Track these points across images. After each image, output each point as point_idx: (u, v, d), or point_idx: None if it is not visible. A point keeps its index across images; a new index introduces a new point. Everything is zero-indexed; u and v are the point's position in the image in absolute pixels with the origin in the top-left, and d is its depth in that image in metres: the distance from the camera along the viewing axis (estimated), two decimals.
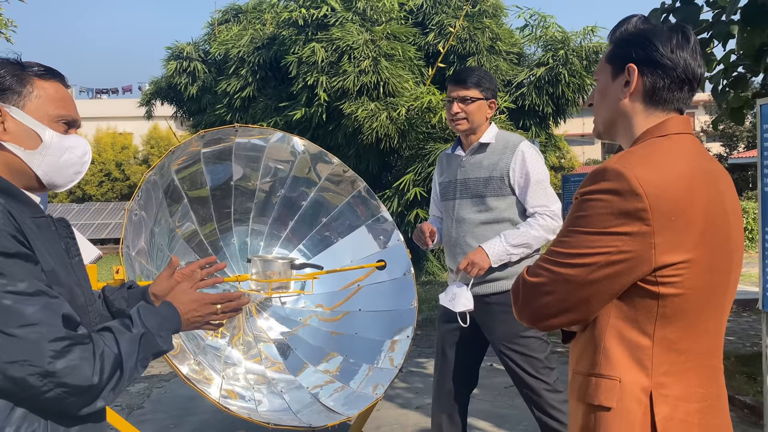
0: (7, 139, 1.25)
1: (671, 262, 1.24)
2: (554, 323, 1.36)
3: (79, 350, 1.14)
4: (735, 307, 8.27)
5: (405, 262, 3.76)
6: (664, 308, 1.27)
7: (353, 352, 3.60)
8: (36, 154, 1.27)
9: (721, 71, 4.79)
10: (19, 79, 1.27)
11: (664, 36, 1.36)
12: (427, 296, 9.35)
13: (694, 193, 1.26)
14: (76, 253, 1.32)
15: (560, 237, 1.33)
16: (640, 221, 1.22)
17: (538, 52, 10.20)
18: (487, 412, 4.36)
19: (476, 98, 2.69)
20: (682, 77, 1.35)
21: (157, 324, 1.32)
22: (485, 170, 2.70)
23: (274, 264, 3.48)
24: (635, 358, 1.30)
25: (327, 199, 3.93)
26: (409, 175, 8.94)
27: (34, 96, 1.28)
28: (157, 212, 3.25)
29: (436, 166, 3.02)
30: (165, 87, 11.30)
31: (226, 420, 4.18)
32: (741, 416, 4.23)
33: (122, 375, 1.20)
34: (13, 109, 1.26)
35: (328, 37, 9.18)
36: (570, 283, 1.28)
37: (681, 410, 1.29)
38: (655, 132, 1.35)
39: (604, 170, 1.27)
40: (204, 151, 3.47)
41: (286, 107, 9.80)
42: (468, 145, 2.79)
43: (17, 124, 1.26)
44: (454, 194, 2.79)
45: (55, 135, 1.30)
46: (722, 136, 25.68)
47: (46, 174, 1.30)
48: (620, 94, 1.38)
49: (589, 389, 1.34)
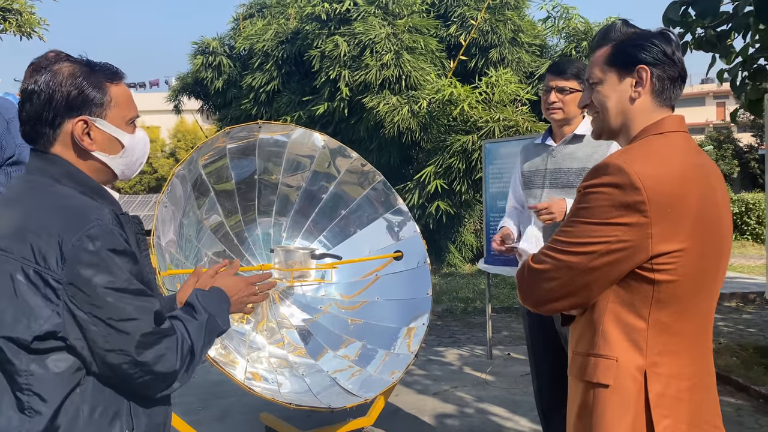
0: (95, 149, 1.34)
1: (666, 251, 1.33)
2: (557, 307, 1.46)
3: (166, 342, 1.28)
4: (758, 300, 8.21)
5: (421, 253, 3.86)
6: (659, 293, 1.36)
7: (371, 339, 3.72)
8: (118, 158, 1.39)
9: (739, 63, 4.78)
10: (98, 90, 1.34)
11: (664, 38, 1.46)
12: (448, 287, 9.42)
13: (688, 187, 1.35)
14: (145, 248, 1.42)
15: (564, 227, 1.43)
16: (639, 213, 1.31)
17: (560, 44, 10.17)
18: (503, 398, 4.46)
19: (574, 89, 2.73)
20: (682, 75, 1.46)
21: (216, 308, 1.46)
22: (578, 161, 2.73)
23: (296, 254, 3.62)
24: (631, 339, 1.39)
25: (346, 192, 4.05)
26: (430, 168, 9.02)
27: (112, 105, 1.35)
28: (185, 205, 3.40)
29: (520, 155, 3.02)
30: (191, 82, 11.51)
31: (250, 403, 4.35)
32: (756, 406, 4.26)
33: (193, 358, 1.34)
34: (99, 121, 1.34)
35: (351, 31, 9.28)
36: (573, 270, 1.38)
37: (673, 387, 1.38)
38: (652, 130, 1.45)
39: (606, 165, 1.36)
40: (229, 147, 3.61)
41: (309, 101, 9.92)
42: (560, 136, 2.82)
43: (102, 133, 1.35)
44: (542, 183, 2.82)
45: (130, 137, 1.40)
46: (753, 126, 25.17)
47: (123, 172, 1.42)
48: (631, 93, 1.47)
49: (588, 368, 1.44)
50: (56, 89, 1.30)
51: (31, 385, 1.20)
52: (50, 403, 1.21)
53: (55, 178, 1.31)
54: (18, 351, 1.20)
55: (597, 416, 1.41)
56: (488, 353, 5.69)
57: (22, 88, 1.37)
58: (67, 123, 1.32)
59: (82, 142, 1.32)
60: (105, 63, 1.40)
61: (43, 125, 1.32)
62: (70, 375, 1.23)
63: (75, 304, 1.20)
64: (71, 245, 1.19)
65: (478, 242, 11.98)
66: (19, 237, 1.22)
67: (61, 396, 1.22)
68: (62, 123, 1.32)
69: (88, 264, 1.20)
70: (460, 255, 11.67)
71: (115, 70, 1.40)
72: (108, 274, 1.21)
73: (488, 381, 4.95)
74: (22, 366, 1.20)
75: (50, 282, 1.19)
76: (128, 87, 1.47)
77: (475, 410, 4.25)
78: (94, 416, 1.25)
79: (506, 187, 5.27)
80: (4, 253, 1.22)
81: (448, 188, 8.99)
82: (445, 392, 4.67)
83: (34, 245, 1.20)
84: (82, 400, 1.24)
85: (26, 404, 1.20)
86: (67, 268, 1.19)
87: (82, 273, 1.19)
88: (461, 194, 9.06)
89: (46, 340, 1.20)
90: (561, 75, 2.74)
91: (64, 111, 1.31)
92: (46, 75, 1.32)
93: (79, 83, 1.32)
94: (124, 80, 1.41)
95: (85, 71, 1.34)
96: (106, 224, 1.23)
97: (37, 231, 1.21)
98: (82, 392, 1.24)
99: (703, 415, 1.43)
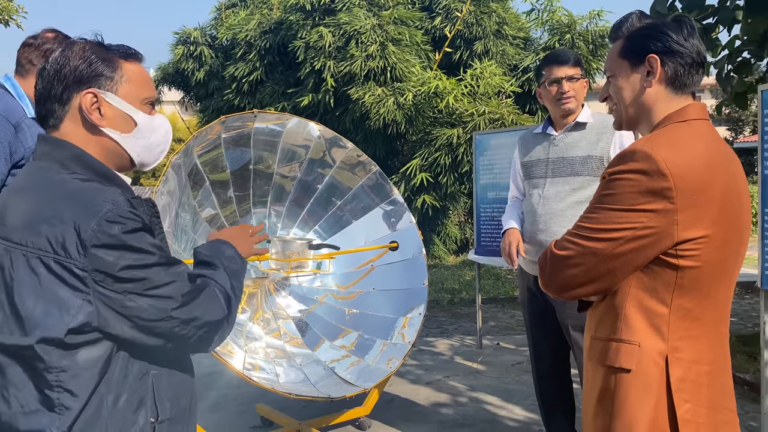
0: (105, 125, 1.29)
1: (691, 237, 1.35)
2: (580, 293, 1.47)
3: (206, 293, 1.29)
4: (737, 290, 8.39)
5: (417, 243, 3.88)
6: (682, 279, 1.38)
7: (368, 329, 3.73)
8: (131, 137, 1.33)
9: (725, 56, 4.86)
10: (109, 64, 1.30)
11: (674, 27, 1.48)
12: (433, 279, 9.45)
13: (714, 174, 1.37)
14: (160, 231, 1.39)
15: (587, 213, 1.43)
16: (666, 199, 1.33)
17: (544, 37, 10.21)
18: (495, 387, 4.51)
19: (580, 76, 2.75)
20: (698, 61, 1.48)
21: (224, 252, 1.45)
22: (582, 149, 2.73)
23: (293, 244, 3.60)
24: (653, 324, 1.41)
25: (341, 182, 4.04)
26: (416, 161, 9.01)
27: (124, 80, 1.31)
28: (181, 195, 3.36)
29: (518, 145, 3.01)
30: (172, 72, 11.33)
31: (243, 394, 4.33)
32: (741, 392, 4.36)
33: (230, 301, 1.35)
34: (108, 95, 1.30)
35: (336, 21, 9.21)
36: (597, 256, 1.39)
37: (693, 372, 1.40)
38: (675, 117, 1.46)
39: (633, 152, 1.37)
40: (224, 136, 3.56)
41: (294, 93, 9.84)
42: (562, 125, 2.81)
43: (112, 108, 1.30)
44: (545, 173, 2.81)
45: (146, 117, 1.35)
46: (728, 120, 25.66)
47: (139, 155, 1.36)
48: (644, 83, 1.48)
49: (610, 353, 1.45)
50: (65, 63, 1.28)
51: (62, 382, 1.17)
52: (80, 397, 1.18)
53: (63, 164, 1.27)
54: (49, 349, 1.16)
55: (619, 400, 1.43)
56: (478, 343, 5.73)
57: (38, 68, 1.35)
58: (75, 97, 1.28)
59: (91, 116, 1.28)
60: (121, 44, 1.37)
61: (52, 101, 1.29)
62: (99, 366, 1.20)
63: (107, 288, 1.17)
64: (90, 231, 1.16)
65: (462, 234, 12.04)
66: (32, 229, 1.18)
67: (90, 389, 1.19)
68: (71, 98, 1.28)
69: (111, 247, 1.17)
70: (445, 247, 11.72)
71: (132, 50, 1.37)
72: (133, 252, 1.19)
73: (480, 370, 4.99)
74: (53, 362, 1.16)
75: (75, 271, 1.15)
76: None
77: (469, 399, 4.29)
78: (119, 405, 1.23)
79: (496, 179, 5.33)
80: (20, 246, 1.18)
81: (434, 181, 9.01)
82: (438, 382, 4.70)
83: (50, 236, 1.16)
84: (107, 389, 1.21)
85: (56, 401, 1.17)
86: (89, 255, 1.15)
87: (107, 258, 1.16)
88: (447, 187, 9.08)
89: (79, 333, 1.17)
90: (566, 63, 2.73)
91: (73, 84, 1.28)
92: (56, 52, 1.30)
93: (88, 56, 1.29)
94: (140, 61, 1.38)
95: (96, 47, 1.32)
96: (121, 206, 1.20)
97: (50, 220, 1.17)
98: (107, 382, 1.22)
99: (721, 399, 1.46)
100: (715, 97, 26.16)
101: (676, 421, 1.37)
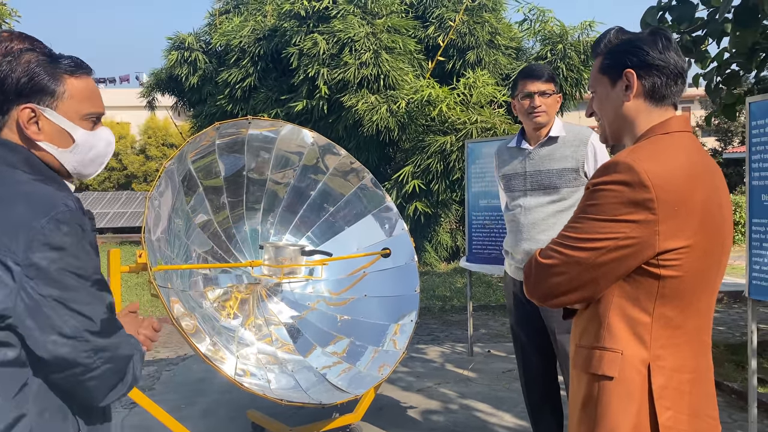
0: (41, 139, 1.32)
1: (673, 247, 1.38)
2: (564, 301, 1.51)
3: (122, 332, 1.30)
4: (726, 299, 8.45)
5: (409, 250, 3.91)
6: (664, 288, 1.41)
7: (359, 336, 3.75)
8: (67, 152, 1.35)
9: (714, 68, 4.93)
10: (53, 79, 1.31)
11: (649, 41, 1.52)
12: (424, 286, 9.48)
13: (695, 186, 1.40)
14: (96, 246, 1.37)
15: (572, 223, 1.47)
16: (647, 210, 1.36)
17: (536, 47, 10.30)
18: (486, 394, 4.53)
19: (553, 92, 2.82)
20: (675, 72, 1.51)
21: None
22: (558, 162, 2.80)
23: (285, 250, 3.62)
24: (636, 333, 1.44)
25: (334, 189, 4.07)
26: (409, 168, 9.05)
27: (66, 96, 1.33)
28: (174, 200, 3.38)
29: (495, 158, 3.09)
30: (165, 78, 11.35)
31: (234, 400, 4.33)
32: (729, 401, 4.40)
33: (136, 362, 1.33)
34: (47, 111, 1.31)
35: (330, 29, 9.25)
36: (581, 265, 1.42)
37: (675, 380, 1.43)
38: (658, 129, 1.50)
39: (616, 163, 1.41)
40: (218, 143, 3.59)
41: (287, 99, 9.87)
42: (536, 139, 2.88)
43: (51, 124, 1.32)
44: (523, 185, 2.89)
45: (84, 133, 1.37)
46: (717, 131, 25.88)
47: (75, 168, 1.39)
48: (623, 98, 1.53)
49: (593, 360, 1.48)
50: (8, 74, 1.29)
51: None
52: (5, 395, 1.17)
53: (13, 166, 1.28)
54: None
55: (602, 407, 1.45)
56: (469, 350, 5.76)
57: None
58: (14, 110, 1.31)
59: (27, 130, 1.31)
60: (71, 56, 1.38)
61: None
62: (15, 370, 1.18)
63: (33, 287, 1.16)
64: (39, 227, 1.16)
65: (453, 241, 12.08)
66: None
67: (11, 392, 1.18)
68: (10, 109, 1.31)
69: (54, 247, 1.17)
70: (436, 254, 11.75)
71: (79, 62, 1.38)
72: (74, 258, 1.19)
73: (470, 378, 5.02)
74: None
75: (8, 263, 1.15)
76: (97, 82, 1.44)
77: (459, 406, 4.31)
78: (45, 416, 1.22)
79: (488, 187, 5.37)
80: None
81: (426, 188, 9.05)
82: (429, 389, 4.72)
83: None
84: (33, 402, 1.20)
85: None
86: (31, 249, 1.15)
87: (48, 254, 1.16)
88: (438, 194, 9.12)
89: None
90: (540, 78, 2.81)
91: (14, 97, 1.30)
92: (3, 62, 1.31)
93: (31, 70, 1.30)
94: (89, 75, 1.39)
95: (42, 60, 1.32)
96: (75, 211, 1.22)
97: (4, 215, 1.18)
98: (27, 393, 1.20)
99: (703, 407, 1.49)
100: (704, 108, 26.40)
101: (657, 428, 1.40)
